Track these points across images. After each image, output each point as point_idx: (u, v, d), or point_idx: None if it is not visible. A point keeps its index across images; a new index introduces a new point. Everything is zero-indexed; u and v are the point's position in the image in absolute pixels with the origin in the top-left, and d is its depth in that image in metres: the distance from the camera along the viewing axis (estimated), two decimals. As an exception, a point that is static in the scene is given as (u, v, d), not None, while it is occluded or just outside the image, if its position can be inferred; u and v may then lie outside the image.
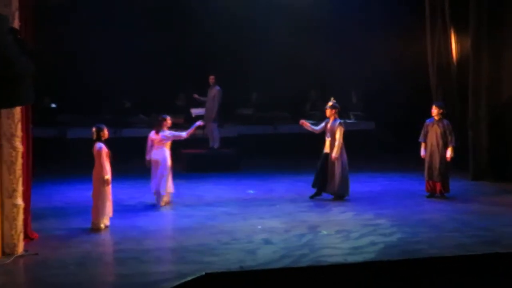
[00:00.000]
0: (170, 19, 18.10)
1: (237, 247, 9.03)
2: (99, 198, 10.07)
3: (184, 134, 11.84)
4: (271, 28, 17.87)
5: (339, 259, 8.43)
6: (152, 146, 11.66)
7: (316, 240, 9.39)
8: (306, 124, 12.42)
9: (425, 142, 12.51)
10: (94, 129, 10.22)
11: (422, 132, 12.55)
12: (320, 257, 8.54)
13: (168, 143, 11.73)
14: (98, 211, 10.06)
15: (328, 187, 12.21)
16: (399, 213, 11.10)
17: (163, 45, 18.12)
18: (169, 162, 11.62)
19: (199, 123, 12.19)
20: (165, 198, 11.73)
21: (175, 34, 18.23)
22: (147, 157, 11.68)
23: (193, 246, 9.05)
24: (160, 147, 11.60)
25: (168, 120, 11.72)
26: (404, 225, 10.21)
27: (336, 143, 12.03)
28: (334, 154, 12.03)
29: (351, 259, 8.44)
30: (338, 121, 12.20)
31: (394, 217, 10.76)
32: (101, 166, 10.03)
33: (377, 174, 15.14)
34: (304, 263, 8.28)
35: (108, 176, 10.06)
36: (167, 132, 11.68)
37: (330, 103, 12.26)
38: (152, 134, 11.72)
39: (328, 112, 12.22)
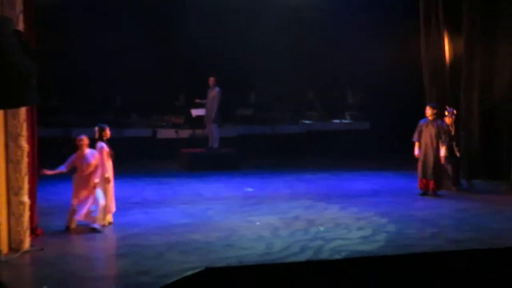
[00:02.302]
0: (170, 21, 18.12)
1: (247, 240, 9.19)
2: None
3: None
4: (267, 28, 17.90)
5: (356, 248, 8.73)
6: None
7: (322, 233, 9.57)
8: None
9: (419, 141, 12.58)
10: (96, 128, 10.26)
11: (416, 132, 12.64)
12: (339, 247, 8.82)
13: None
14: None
15: None
16: (393, 210, 11.18)
17: (164, 46, 18.13)
18: None
19: (61, 168, 10.10)
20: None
21: (176, 35, 18.22)
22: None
23: (198, 243, 9.10)
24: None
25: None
26: (399, 222, 10.32)
27: None
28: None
29: (365, 248, 8.75)
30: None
31: (389, 214, 10.85)
32: (103, 165, 10.06)
33: (372, 172, 15.15)
34: (326, 252, 8.56)
35: (108, 174, 10.09)
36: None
37: (446, 112, 12.86)
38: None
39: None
